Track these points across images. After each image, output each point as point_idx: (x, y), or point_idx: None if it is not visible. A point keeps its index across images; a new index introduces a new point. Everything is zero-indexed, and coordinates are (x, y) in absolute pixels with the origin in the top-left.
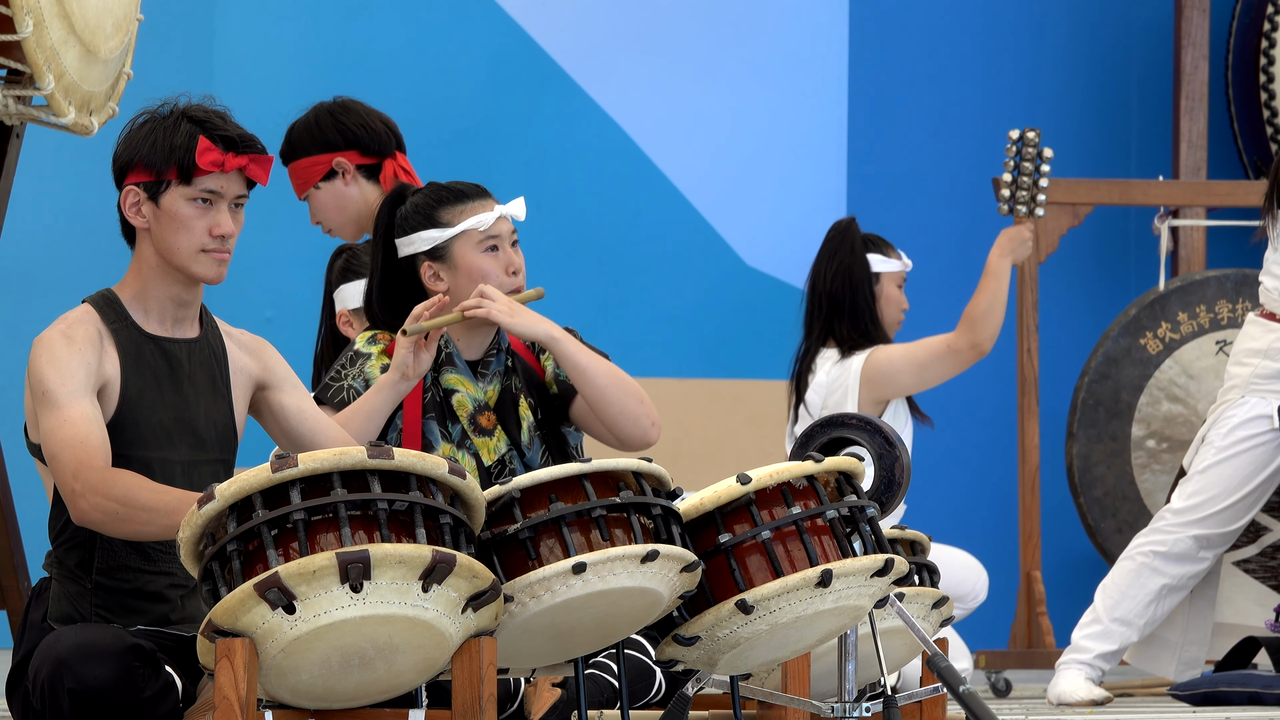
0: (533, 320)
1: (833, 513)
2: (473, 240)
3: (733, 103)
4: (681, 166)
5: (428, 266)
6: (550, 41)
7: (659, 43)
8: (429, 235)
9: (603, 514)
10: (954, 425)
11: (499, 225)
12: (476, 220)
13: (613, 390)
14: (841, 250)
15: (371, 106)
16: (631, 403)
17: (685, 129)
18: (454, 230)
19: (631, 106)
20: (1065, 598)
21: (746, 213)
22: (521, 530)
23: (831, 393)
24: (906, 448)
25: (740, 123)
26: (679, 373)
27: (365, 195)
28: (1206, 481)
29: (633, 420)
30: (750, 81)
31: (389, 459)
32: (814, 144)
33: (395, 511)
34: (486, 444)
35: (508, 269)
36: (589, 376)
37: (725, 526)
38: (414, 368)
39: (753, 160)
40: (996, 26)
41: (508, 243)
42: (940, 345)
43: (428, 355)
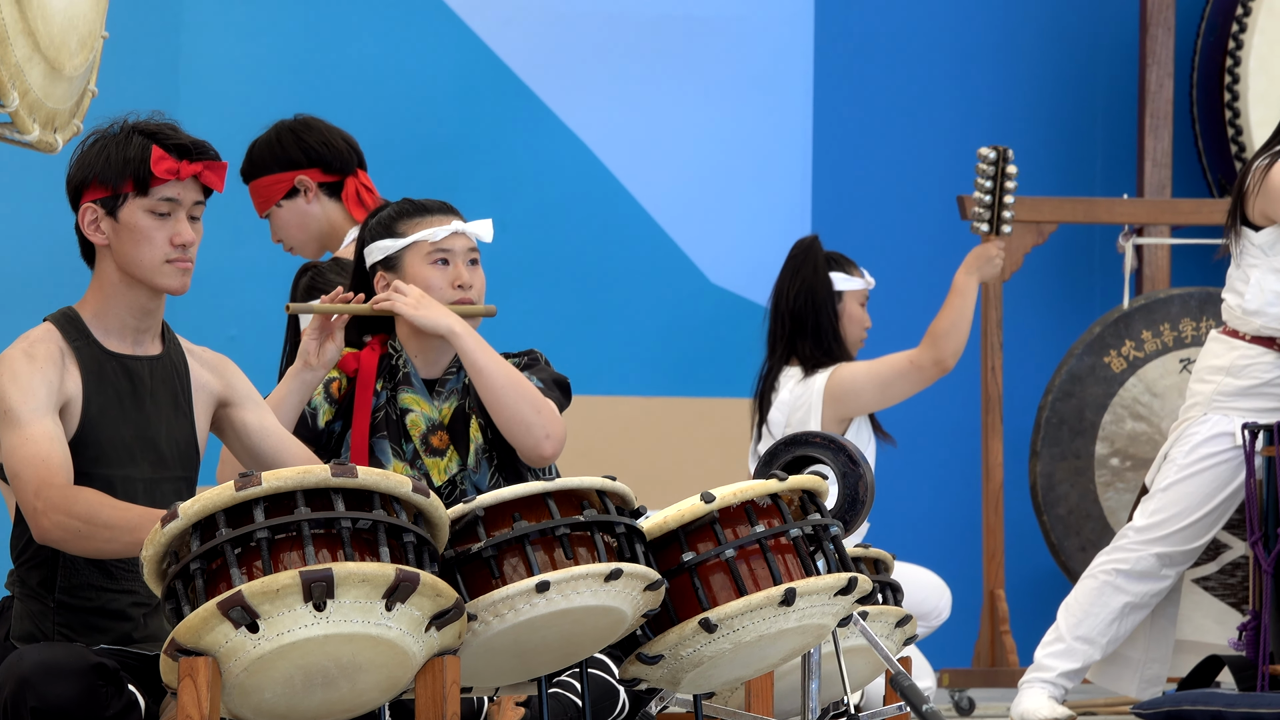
0: (438, 314)
1: (796, 531)
2: (422, 251)
3: (699, 121)
4: (648, 185)
5: (380, 276)
6: (517, 61)
7: (625, 62)
8: (384, 245)
9: (566, 532)
10: (917, 443)
11: (452, 240)
12: (428, 232)
13: (508, 394)
14: (804, 268)
15: (333, 124)
16: (526, 410)
17: (651, 148)
18: (406, 240)
19: (598, 125)
20: (1029, 616)
21: (712, 231)
22: (485, 548)
23: (795, 411)
24: (870, 466)
25: (706, 141)
26: (643, 391)
27: (327, 213)
28: (1169, 499)
29: (525, 428)
30: (716, 100)
31: (353, 478)
32: (779, 162)
33: (359, 530)
34: (437, 464)
35: (454, 283)
36: (485, 377)
37: (689, 545)
38: (318, 356)
39: (718, 179)
40: (962, 45)
41: (461, 259)
42: (903, 361)
43: (333, 346)
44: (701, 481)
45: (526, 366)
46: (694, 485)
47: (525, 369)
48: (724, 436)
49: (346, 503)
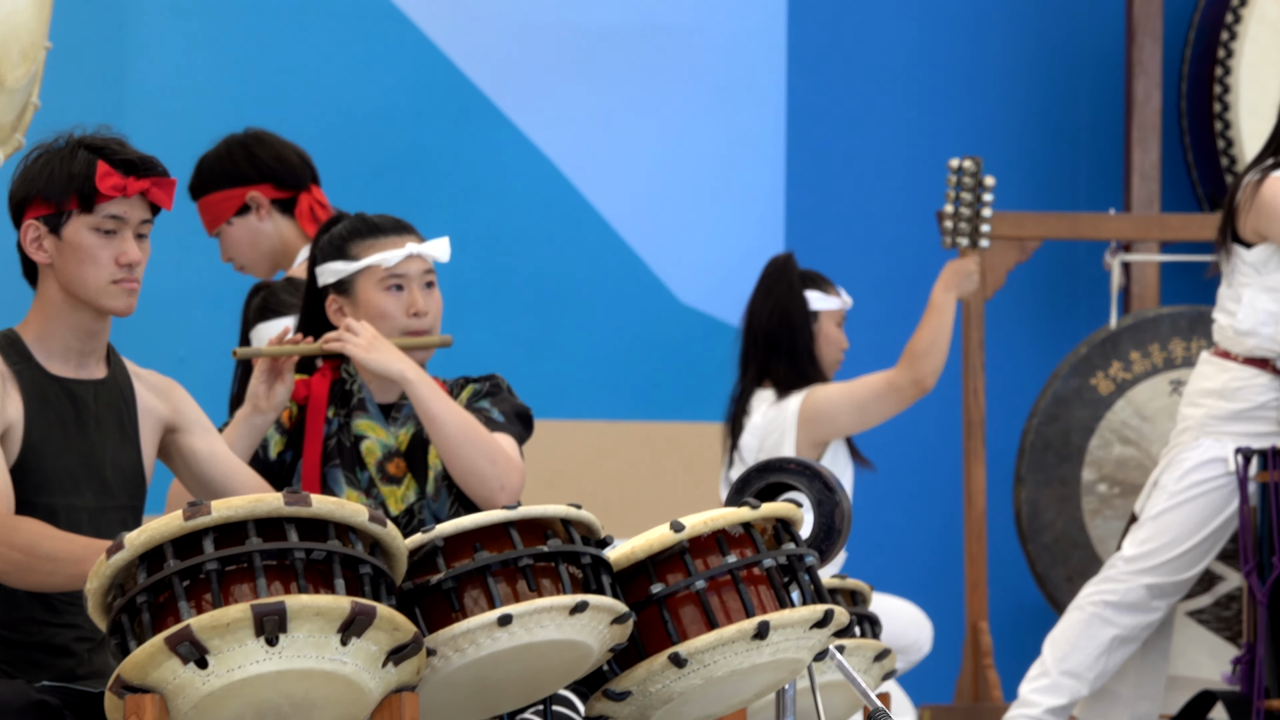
0: (390, 357)
1: (770, 561)
2: (376, 277)
3: (667, 135)
4: (614, 200)
5: (333, 300)
6: (477, 71)
7: (590, 73)
8: (335, 268)
9: (530, 563)
10: (896, 469)
11: (407, 264)
12: (382, 256)
13: (463, 444)
14: (778, 287)
15: (284, 138)
16: (481, 461)
17: (618, 162)
18: (358, 265)
19: (562, 139)
20: (1013, 649)
21: (681, 249)
22: (445, 580)
23: (768, 435)
24: (847, 493)
25: (675, 156)
26: (609, 415)
27: (280, 230)
28: (1159, 528)
29: (480, 480)
30: (685, 112)
31: (306, 506)
32: (751, 178)
33: (313, 561)
34: (394, 493)
35: (409, 310)
36: (439, 424)
37: (658, 576)
38: (267, 399)
39: (688, 195)
40: (941, 55)
41: (416, 283)
42: (880, 382)
43: (282, 388)
44: (671, 510)
45: (487, 394)
46: (663, 514)
47: (486, 397)
48: (694, 462)
49: (300, 533)
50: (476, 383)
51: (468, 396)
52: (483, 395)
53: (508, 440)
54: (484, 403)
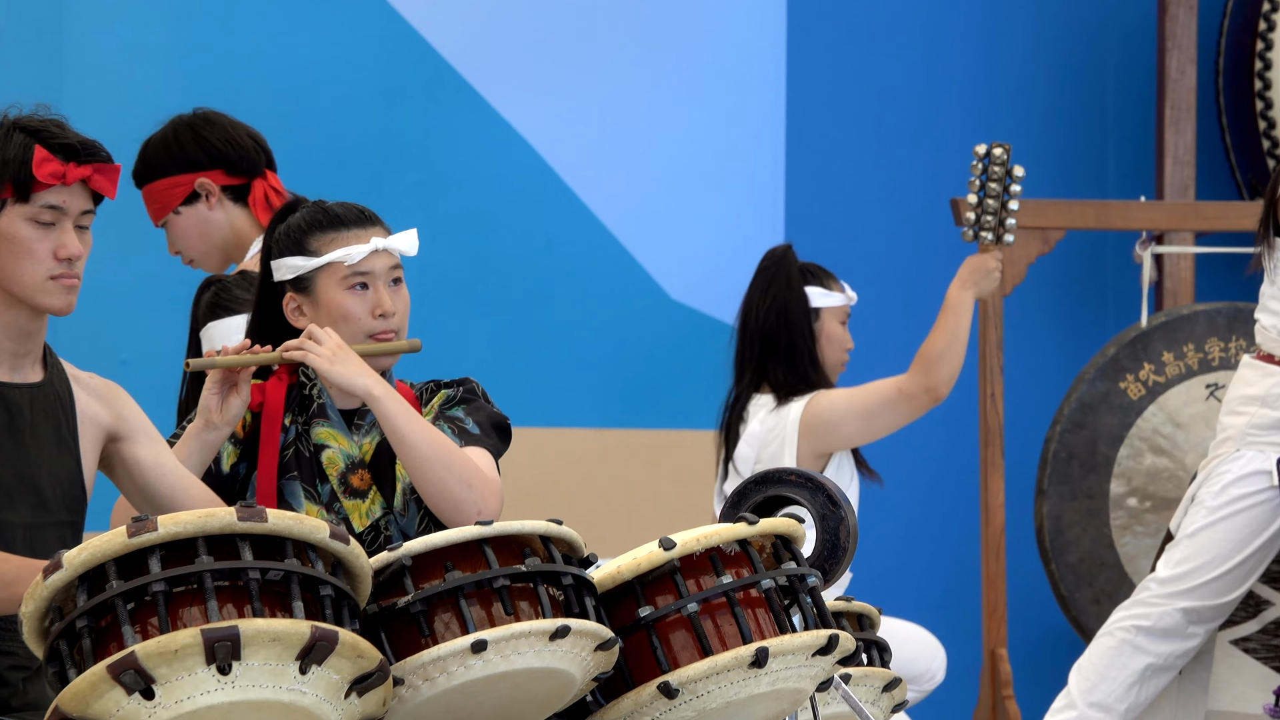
0: (355, 372)
1: (769, 582)
2: (338, 275)
3: (657, 117)
4: (599, 188)
5: (290, 298)
6: (451, 49)
7: (574, 52)
8: (293, 263)
9: (506, 584)
10: (907, 482)
11: (372, 260)
12: (344, 253)
13: (435, 467)
14: (776, 282)
15: (237, 120)
16: (455, 485)
17: (603, 146)
18: (318, 261)
19: (543, 121)
20: (1035, 679)
21: (671, 240)
22: (413, 603)
23: (766, 445)
24: (853, 507)
25: (664, 140)
26: (593, 422)
27: (231, 220)
28: (1196, 546)
29: (454, 505)
30: (677, 93)
31: (262, 522)
32: (748, 163)
33: (269, 582)
34: (358, 507)
35: (374, 310)
36: (408, 446)
37: (646, 598)
38: (221, 414)
39: (679, 182)
40: (955, 29)
41: (382, 281)
42: (890, 389)
43: (238, 401)
44: (660, 526)
45: (461, 401)
46: (651, 530)
47: (459, 404)
48: (685, 474)
49: (255, 551)
50: (449, 388)
51: (439, 404)
52: (456, 402)
53: (483, 456)
54: (457, 411)
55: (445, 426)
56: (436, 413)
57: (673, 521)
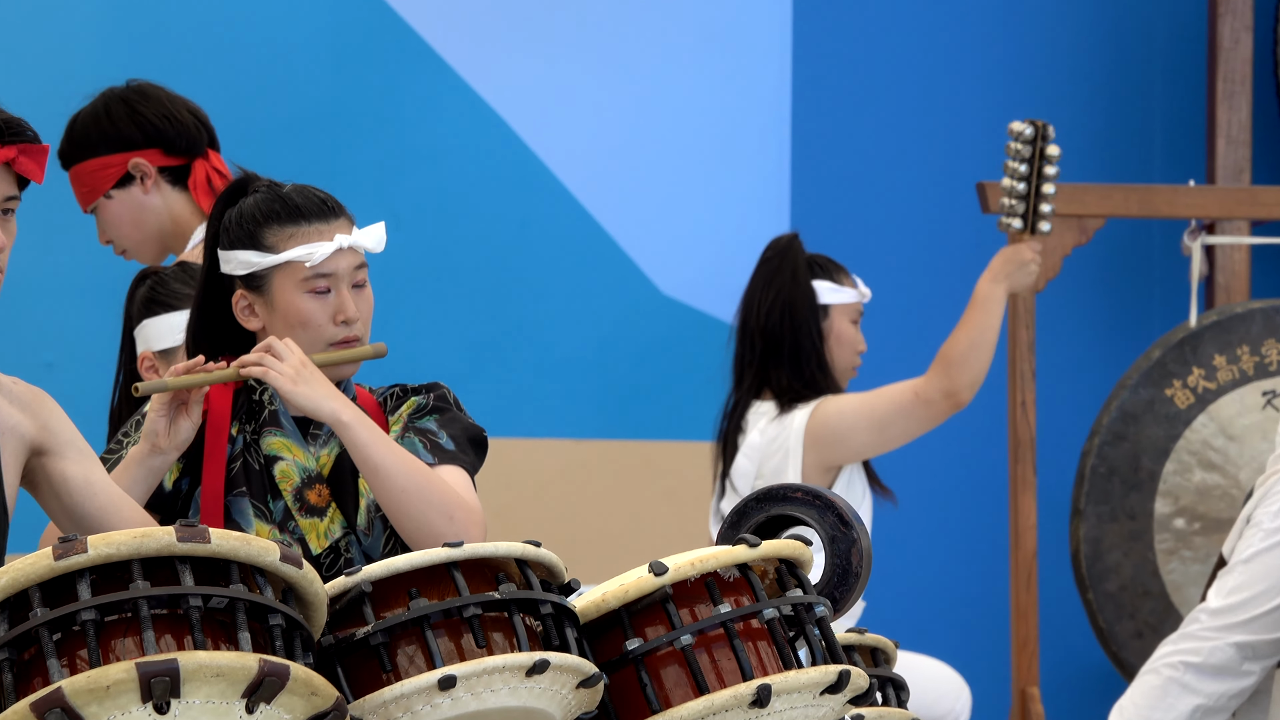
0: (321, 394)
1: (772, 612)
2: (297, 275)
3: (646, 90)
4: (581, 169)
5: (241, 296)
6: (413, 10)
7: (553, 13)
8: (246, 257)
9: (477, 613)
10: (926, 500)
11: (336, 260)
12: (305, 251)
13: (413, 500)
14: (780, 276)
15: (176, 93)
16: (435, 518)
17: (586, 122)
18: (275, 259)
19: (518, 95)
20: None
21: (662, 229)
22: (374, 634)
23: (768, 457)
24: (866, 528)
25: (655, 116)
26: (574, 432)
27: (169, 205)
28: (1252, 574)
29: (434, 539)
30: (669, 63)
31: (204, 543)
32: (748, 141)
33: (212, 610)
34: (316, 526)
35: (337, 316)
36: (383, 477)
37: (634, 630)
38: (169, 438)
39: (671, 164)
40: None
41: (346, 283)
42: (905, 394)
43: (188, 423)
44: (650, 548)
45: (433, 410)
46: (640, 553)
47: (432, 413)
48: (677, 491)
49: (196, 575)
50: (418, 395)
51: (408, 412)
52: (427, 411)
53: (460, 477)
54: (429, 422)
55: (416, 440)
56: (405, 423)
57: (664, 544)
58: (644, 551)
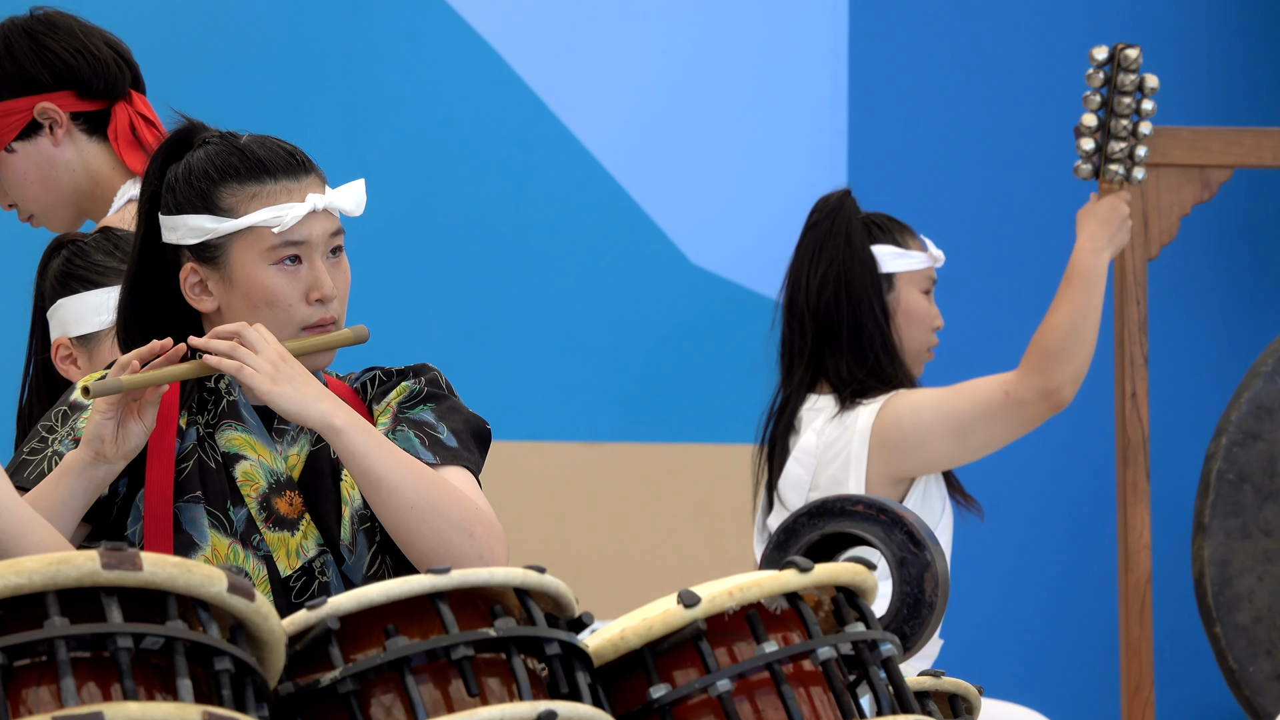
0: (308, 395)
1: (828, 651)
2: (262, 244)
3: (670, 24)
4: (594, 118)
5: (191, 270)
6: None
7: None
8: (198, 223)
9: (469, 655)
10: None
11: (308, 226)
12: (273, 214)
13: (425, 517)
14: (831, 241)
15: (90, 23)
16: (454, 537)
17: (599, 62)
18: (235, 224)
19: (525, 36)
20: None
21: (692, 189)
22: (342, 680)
23: (826, 464)
24: (942, 549)
25: (682, 56)
26: (587, 434)
27: (85, 159)
28: None
29: (454, 561)
30: (702, 6)
31: (134, 570)
32: (797, 83)
33: (145, 652)
34: (286, 542)
35: (309, 294)
36: (387, 491)
37: (661, 674)
38: (115, 445)
39: (701, 112)
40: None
41: (319, 251)
42: (994, 392)
43: (140, 428)
44: (679, 574)
45: (428, 398)
46: (668, 580)
47: (426, 402)
48: (713, 503)
49: (125, 610)
50: (407, 379)
51: (398, 400)
52: (420, 399)
53: (468, 482)
54: (424, 413)
55: (411, 435)
56: (395, 413)
57: (696, 568)
58: (672, 578)
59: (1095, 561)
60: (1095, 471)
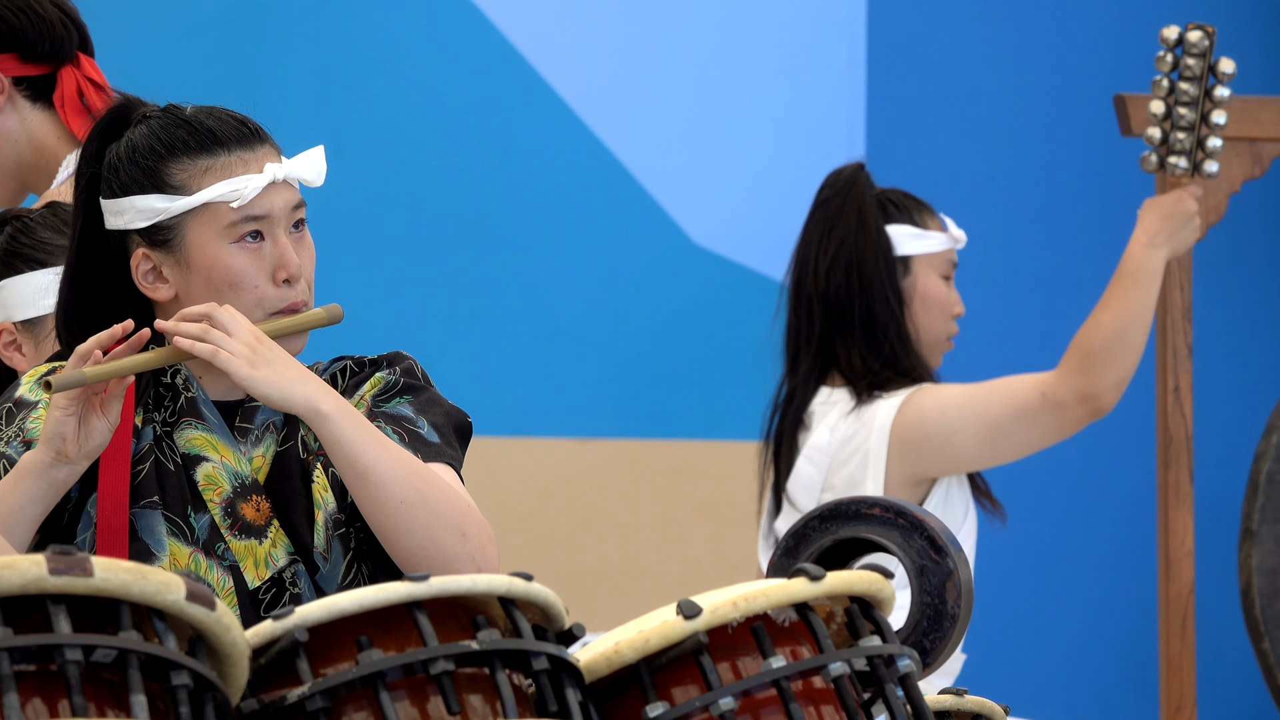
0: (288, 377)
1: (840, 667)
2: (219, 222)
3: (682, 2)
4: (590, 86)
5: (143, 256)
6: None
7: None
8: (146, 204)
9: (448, 669)
10: (1046, 517)
11: (268, 198)
12: (229, 188)
13: (415, 513)
14: (843, 220)
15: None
16: (445, 535)
17: (594, 28)
18: (189, 202)
19: (523, 9)
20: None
21: (695, 164)
22: (311, 697)
23: (840, 463)
24: (966, 556)
25: (688, 25)
26: (583, 430)
27: (29, 128)
28: None
29: (443, 563)
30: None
31: (84, 576)
32: (811, 53)
33: (96, 665)
34: (253, 550)
35: (277, 273)
36: (375, 483)
37: (658, 691)
38: (78, 443)
39: (708, 85)
40: None
41: (282, 226)
42: (1029, 393)
43: (103, 424)
44: (678, 582)
45: (404, 389)
46: (666, 588)
47: (402, 394)
48: (715, 505)
49: (75, 620)
50: (383, 369)
51: (373, 393)
52: (396, 391)
53: (451, 479)
54: (401, 406)
55: (388, 429)
56: (370, 407)
57: (697, 576)
58: (670, 586)
59: (1133, 570)
60: (1134, 472)
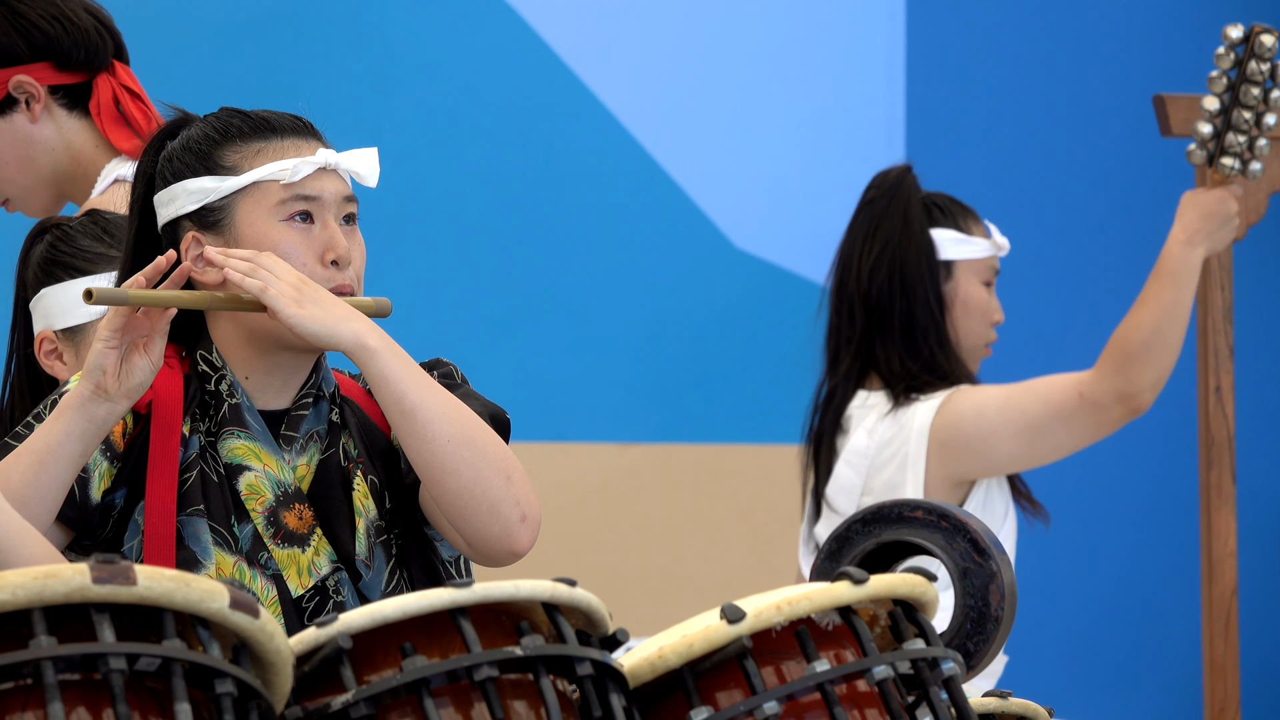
0: (337, 315)
1: (884, 670)
2: (269, 200)
3: (721, 6)
4: (628, 89)
5: (193, 239)
6: None
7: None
8: (198, 185)
9: (492, 675)
10: (1089, 519)
11: (319, 182)
12: (278, 167)
13: (462, 452)
14: (887, 222)
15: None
16: (492, 476)
17: (641, 37)
18: (239, 180)
19: (556, 5)
20: None
21: (736, 168)
22: (355, 704)
23: (880, 467)
24: (1008, 558)
25: (729, 29)
26: (624, 435)
27: (65, 137)
28: None
29: (488, 509)
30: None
31: (128, 584)
32: (851, 55)
33: (140, 674)
34: (296, 559)
35: (325, 255)
36: (422, 421)
37: (702, 695)
38: (118, 379)
39: (748, 89)
40: None
41: (333, 214)
42: (1067, 393)
43: (145, 362)
44: (721, 586)
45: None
46: (709, 593)
47: None
48: (756, 510)
49: (119, 629)
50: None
51: None
52: None
53: None
54: None
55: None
56: None
57: (739, 580)
58: (713, 591)
59: (1175, 572)
60: (1175, 473)
